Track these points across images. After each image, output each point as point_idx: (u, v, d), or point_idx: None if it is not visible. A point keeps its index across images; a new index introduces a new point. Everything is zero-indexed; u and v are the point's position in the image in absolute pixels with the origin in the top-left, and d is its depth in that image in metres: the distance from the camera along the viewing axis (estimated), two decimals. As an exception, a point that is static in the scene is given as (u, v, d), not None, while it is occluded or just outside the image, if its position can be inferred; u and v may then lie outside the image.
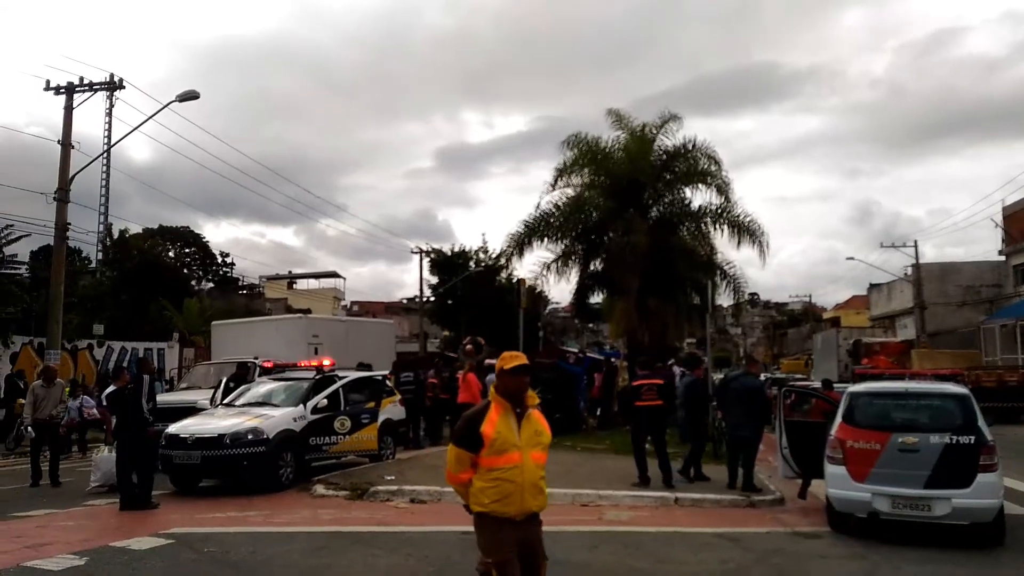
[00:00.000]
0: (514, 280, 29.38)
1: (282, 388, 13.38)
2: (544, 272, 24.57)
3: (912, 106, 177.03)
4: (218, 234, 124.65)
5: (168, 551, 7.75)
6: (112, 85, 25.25)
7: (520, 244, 24.28)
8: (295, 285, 67.41)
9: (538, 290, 28.95)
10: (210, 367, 18.34)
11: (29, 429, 13.03)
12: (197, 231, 56.95)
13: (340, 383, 13.49)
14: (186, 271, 49.40)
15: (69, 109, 21.41)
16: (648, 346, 23.72)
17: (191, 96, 19.33)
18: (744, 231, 23.13)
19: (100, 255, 34.79)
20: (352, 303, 67.93)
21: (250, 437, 11.40)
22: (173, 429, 11.79)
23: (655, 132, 24.06)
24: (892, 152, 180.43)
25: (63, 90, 22.03)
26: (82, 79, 22.98)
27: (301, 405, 12.55)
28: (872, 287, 54.45)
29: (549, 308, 50.86)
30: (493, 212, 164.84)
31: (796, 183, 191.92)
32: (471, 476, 4.22)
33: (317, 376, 13.51)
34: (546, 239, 24.20)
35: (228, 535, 8.56)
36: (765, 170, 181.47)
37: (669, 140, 24.08)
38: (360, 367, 16.08)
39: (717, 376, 27.06)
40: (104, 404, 12.73)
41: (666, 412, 11.84)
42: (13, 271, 26.58)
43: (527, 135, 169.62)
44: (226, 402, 13.34)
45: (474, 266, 40.04)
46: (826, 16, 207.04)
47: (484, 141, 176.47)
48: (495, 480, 4.12)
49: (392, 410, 14.95)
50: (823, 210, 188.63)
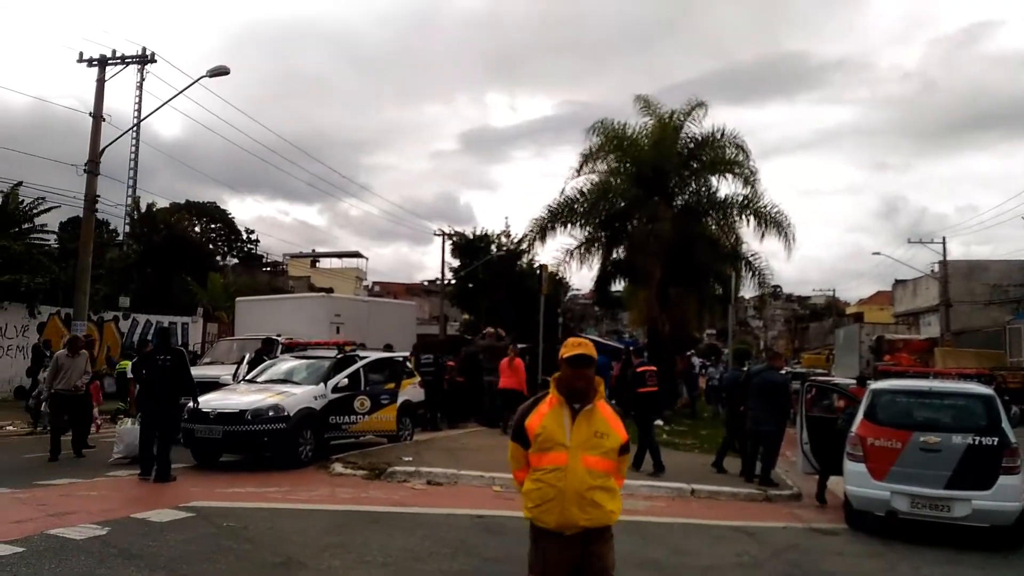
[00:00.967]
0: (535, 265, 29.38)
1: (304, 366, 13.50)
2: (566, 258, 24.49)
3: (943, 100, 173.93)
4: (243, 210, 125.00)
5: (188, 524, 7.86)
6: (144, 59, 25.36)
7: (543, 229, 24.19)
8: (318, 264, 67.83)
9: (559, 276, 28.86)
10: (233, 343, 18.53)
11: (43, 404, 13.17)
12: (223, 207, 57.28)
13: (361, 363, 13.59)
14: (211, 246, 49.81)
15: (101, 82, 21.57)
16: (668, 336, 23.66)
17: (221, 72, 19.40)
18: (771, 223, 22.88)
19: (127, 228, 35.15)
20: (374, 283, 68.25)
21: (271, 414, 11.53)
22: (195, 403, 11.92)
23: (682, 119, 23.84)
24: (921, 147, 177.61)
25: (95, 62, 22.17)
26: (114, 52, 23.12)
27: (322, 384, 12.66)
28: (897, 283, 53.88)
29: (569, 294, 50.71)
30: (515, 196, 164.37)
31: (822, 175, 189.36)
32: (526, 475, 3.73)
33: (338, 355, 13.61)
34: (569, 225, 24.09)
35: (247, 510, 8.68)
36: (791, 161, 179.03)
37: (696, 128, 23.86)
38: (386, 349, 16.19)
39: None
40: (129, 375, 12.95)
41: (661, 398, 12.60)
42: (42, 241, 26.98)
43: (551, 119, 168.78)
44: (248, 378, 13.48)
45: (496, 250, 40.01)
46: (858, 6, 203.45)
47: (508, 125, 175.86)
48: (536, 482, 3.61)
49: (411, 392, 15.04)
50: (849, 203, 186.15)
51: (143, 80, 33.79)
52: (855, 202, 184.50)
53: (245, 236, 58.12)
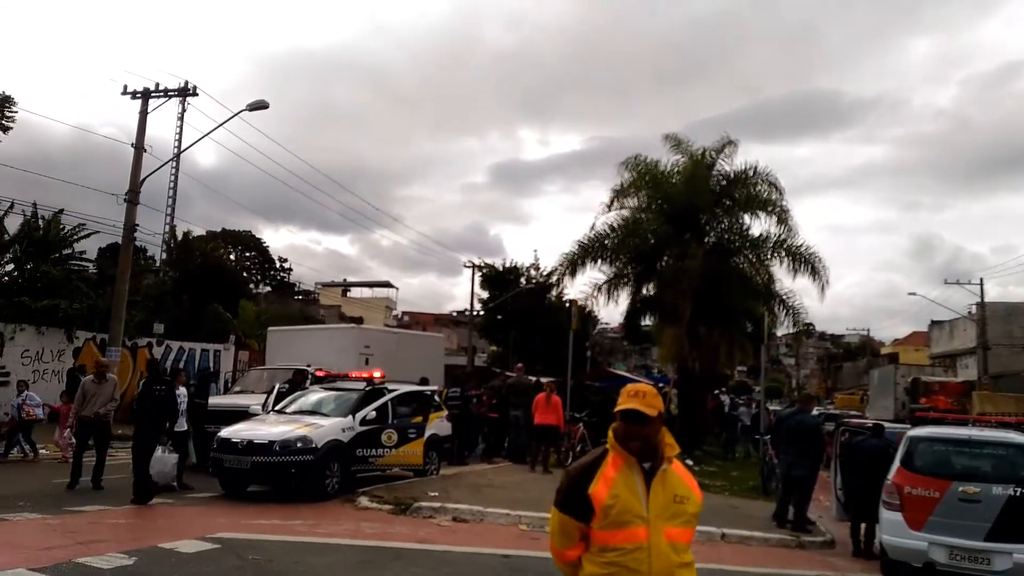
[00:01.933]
0: (564, 299, 29.31)
1: (332, 398, 13.53)
2: (595, 293, 24.43)
3: (977, 139, 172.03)
4: (276, 239, 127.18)
5: (214, 556, 7.86)
6: (185, 91, 26.01)
7: (573, 264, 24.19)
8: (349, 293, 68.36)
9: (588, 310, 28.78)
10: (263, 372, 18.62)
11: (69, 430, 12.92)
12: (257, 235, 58.12)
13: (389, 396, 13.59)
14: (245, 274, 50.43)
15: (144, 114, 22.09)
16: (698, 373, 23.42)
17: (261, 106, 19.77)
18: (803, 261, 22.67)
19: (164, 255, 35.75)
20: (403, 313, 68.57)
21: (299, 445, 11.55)
22: (225, 433, 12.00)
23: (714, 157, 23.83)
24: (955, 186, 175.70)
25: (139, 95, 22.77)
26: (157, 85, 23.75)
27: (350, 416, 12.67)
28: (933, 324, 52.88)
29: (598, 328, 50.56)
30: (544, 229, 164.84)
31: (855, 213, 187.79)
32: (579, 554, 2.99)
33: (367, 388, 13.63)
34: (599, 260, 24.07)
35: (272, 543, 8.66)
36: (823, 199, 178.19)
37: (728, 166, 23.86)
38: (422, 382, 16.21)
39: (773, 408, 26.57)
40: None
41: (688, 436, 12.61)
42: (81, 267, 27.53)
43: (581, 154, 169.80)
44: (278, 408, 13.53)
45: (525, 282, 40.07)
46: (892, 44, 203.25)
47: (539, 159, 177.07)
48: (609, 566, 2.88)
49: (439, 425, 15.00)
50: (882, 242, 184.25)
51: (184, 112, 34.57)
52: (887, 241, 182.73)
53: (278, 264, 58.86)
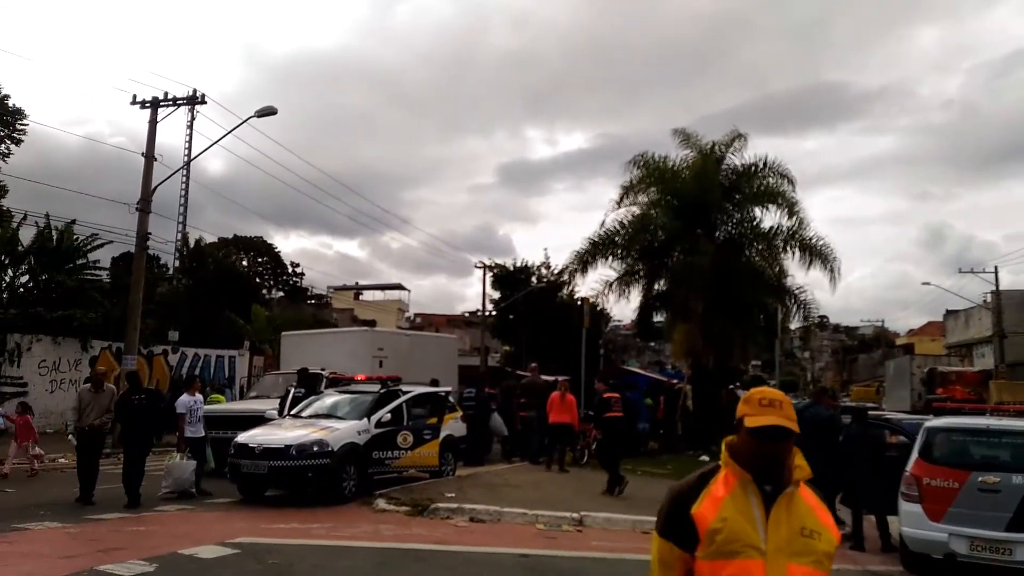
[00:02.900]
0: (576, 297, 29.31)
1: (347, 401, 13.58)
2: (606, 290, 24.41)
3: (986, 128, 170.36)
4: (287, 245, 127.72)
5: (234, 561, 7.90)
6: (194, 100, 26.12)
7: (584, 261, 24.17)
8: (361, 296, 68.55)
9: (600, 307, 28.74)
10: (279, 377, 18.72)
11: (71, 437, 12.83)
12: (268, 241, 58.32)
13: (404, 398, 13.63)
14: (258, 280, 50.64)
15: (153, 123, 22.22)
16: (712, 368, 23.35)
17: (269, 112, 19.87)
18: (815, 254, 22.58)
19: (177, 263, 35.96)
20: (415, 315, 68.72)
21: (316, 449, 11.60)
22: (242, 439, 12.07)
23: (723, 151, 23.76)
24: (966, 175, 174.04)
25: (148, 104, 22.91)
26: (166, 94, 23.88)
27: (366, 419, 12.71)
28: (948, 313, 52.52)
29: (611, 326, 50.52)
30: (553, 228, 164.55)
31: (865, 205, 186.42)
32: None
33: (381, 390, 13.67)
34: (610, 257, 24.05)
35: (292, 547, 8.71)
36: (833, 191, 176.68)
37: (737, 159, 23.79)
38: (432, 384, 16.22)
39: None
40: (178, 411, 13.12)
41: (624, 424, 14.23)
42: (95, 277, 27.73)
43: (588, 152, 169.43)
44: (293, 413, 13.60)
45: (536, 281, 40.07)
46: (898, 34, 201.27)
47: (546, 158, 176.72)
48: None
49: (454, 426, 15.02)
50: (893, 233, 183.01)
51: (193, 120, 34.84)
52: (899, 231, 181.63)
53: (291, 269, 59.09)
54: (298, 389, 14.94)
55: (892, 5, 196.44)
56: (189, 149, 35.34)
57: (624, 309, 78.24)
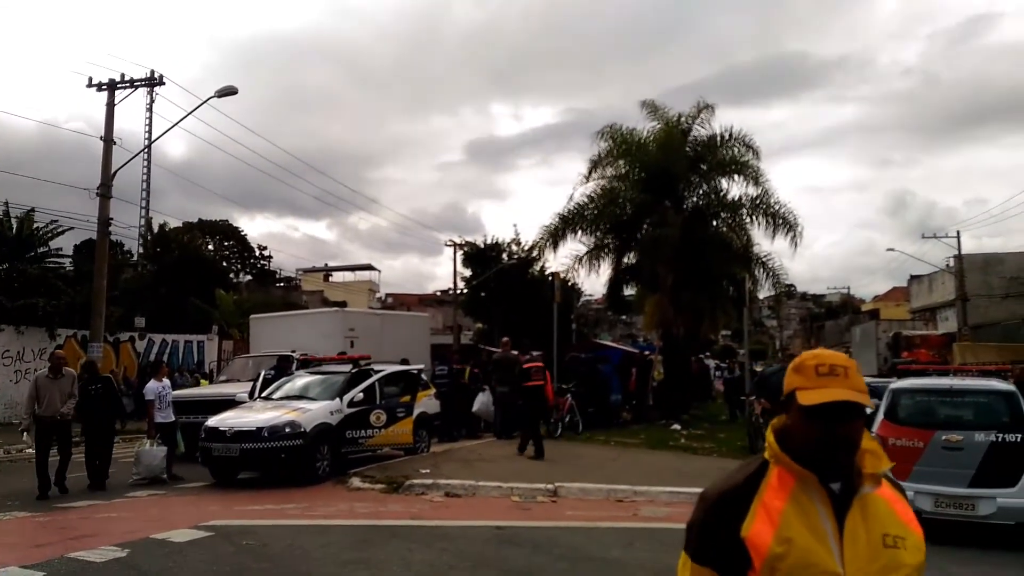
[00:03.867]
0: (547, 272, 29.32)
1: (319, 382, 13.51)
2: (577, 265, 24.43)
3: (945, 95, 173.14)
4: (253, 227, 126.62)
5: (207, 543, 7.86)
6: (152, 81, 25.63)
7: (554, 236, 24.15)
8: (331, 278, 68.06)
9: (571, 282, 28.82)
10: (248, 360, 18.56)
11: (24, 433, 12.31)
12: (234, 224, 57.60)
13: (376, 377, 13.60)
14: (225, 264, 50.06)
15: (111, 106, 21.77)
16: (683, 339, 23.55)
17: (229, 92, 19.53)
18: (780, 221, 22.80)
19: (141, 249, 35.39)
20: (387, 295, 68.42)
21: (288, 430, 11.55)
22: (212, 422, 11.98)
23: (689, 123, 23.80)
24: (926, 141, 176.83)
25: (105, 87, 22.40)
26: (123, 76, 23.38)
27: (338, 399, 12.67)
28: (912, 279, 53.39)
29: (582, 300, 50.69)
30: (522, 204, 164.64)
31: (830, 173, 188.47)
32: None
33: (353, 370, 13.62)
34: (580, 231, 24.04)
35: (266, 528, 8.68)
36: (798, 160, 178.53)
37: (704, 130, 23.86)
38: (402, 363, 16.15)
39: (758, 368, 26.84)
40: (146, 397, 12.98)
41: (544, 392, 14.52)
42: (57, 264, 27.24)
43: (555, 127, 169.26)
44: (264, 395, 13.50)
45: (507, 258, 40.03)
46: (857, 3, 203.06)
47: (513, 134, 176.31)
48: None
49: (427, 403, 15.03)
50: (858, 200, 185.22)
51: (152, 102, 34.19)
52: (863, 199, 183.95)
53: (258, 253, 58.44)
54: (268, 371, 14.83)
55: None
56: (149, 132, 34.75)
57: (595, 283, 78.75)
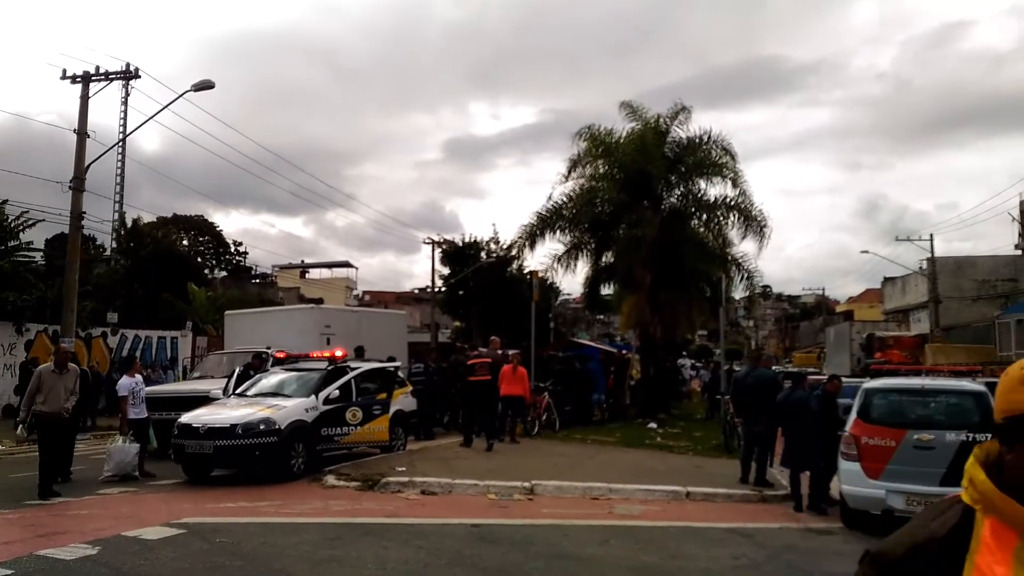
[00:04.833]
0: (525, 271, 29.31)
1: (294, 379, 13.40)
2: (555, 264, 24.51)
3: (919, 100, 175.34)
4: (228, 223, 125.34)
5: (180, 541, 7.77)
6: (128, 74, 25.24)
7: (532, 235, 24.20)
8: (307, 274, 67.60)
9: (549, 281, 28.85)
10: (223, 356, 18.36)
11: (20, 428, 12.08)
12: (209, 220, 57.05)
13: (352, 374, 13.51)
14: (200, 259, 49.56)
15: (85, 98, 21.41)
16: (660, 339, 23.67)
17: (206, 86, 19.30)
18: (754, 223, 23.02)
19: (114, 243, 34.94)
20: (364, 292, 68.06)
21: (262, 427, 11.45)
22: (186, 419, 11.85)
23: (668, 124, 23.93)
24: (899, 146, 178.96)
25: (79, 79, 22.03)
26: (98, 68, 23.00)
27: (313, 396, 12.57)
28: (886, 280, 54.02)
29: (560, 299, 50.79)
30: (500, 203, 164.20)
31: (804, 176, 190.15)
32: None
33: (329, 367, 13.53)
34: (558, 230, 24.14)
35: (239, 525, 8.60)
36: (773, 163, 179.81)
37: (682, 132, 24.00)
38: (388, 360, 15.98)
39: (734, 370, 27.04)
40: (119, 393, 12.81)
41: (493, 387, 14.88)
42: (28, 259, 26.78)
43: (534, 127, 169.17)
44: (238, 392, 13.37)
45: (485, 257, 40.00)
46: (832, 8, 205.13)
47: (491, 133, 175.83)
48: None
49: (404, 401, 14.97)
50: (832, 203, 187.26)
51: (127, 95, 33.78)
52: (837, 202, 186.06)
53: (233, 248, 57.91)
54: (242, 368, 14.68)
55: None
56: (124, 126, 34.35)
57: (573, 283, 78.82)
